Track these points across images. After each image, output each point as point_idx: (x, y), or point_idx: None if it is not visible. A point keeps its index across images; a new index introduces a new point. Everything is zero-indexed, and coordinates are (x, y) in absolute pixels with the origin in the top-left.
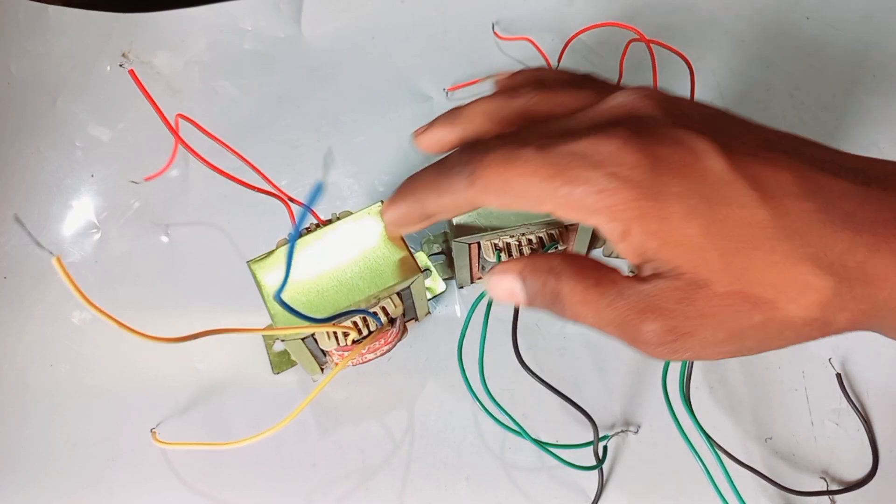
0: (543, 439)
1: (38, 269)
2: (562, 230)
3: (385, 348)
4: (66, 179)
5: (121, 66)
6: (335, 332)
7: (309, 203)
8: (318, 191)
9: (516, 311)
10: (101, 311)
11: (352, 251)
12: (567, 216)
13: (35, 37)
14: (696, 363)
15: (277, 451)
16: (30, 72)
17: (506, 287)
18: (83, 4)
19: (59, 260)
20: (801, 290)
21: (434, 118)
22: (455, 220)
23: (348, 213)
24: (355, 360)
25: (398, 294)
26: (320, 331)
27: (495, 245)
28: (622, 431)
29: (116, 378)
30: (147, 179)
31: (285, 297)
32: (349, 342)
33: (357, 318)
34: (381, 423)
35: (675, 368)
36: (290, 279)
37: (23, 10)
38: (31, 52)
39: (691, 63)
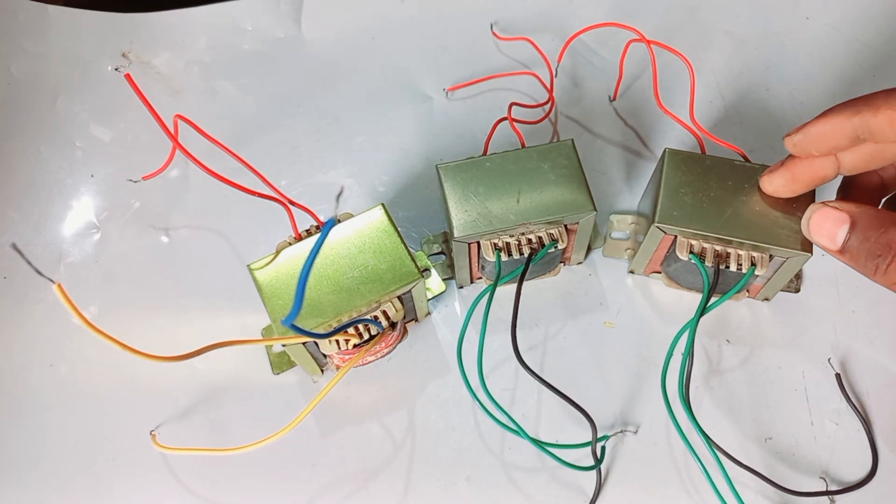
0: (543, 439)
1: (39, 268)
2: (561, 230)
3: (385, 350)
4: (66, 179)
5: (117, 69)
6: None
7: (318, 245)
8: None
9: (516, 311)
10: (106, 335)
11: (352, 255)
12: None
13: (35, 37)
14: (695, 363)
15: (278, 452)
16: (30, 72)
17: (829, 230)
18: (83, 4)
19: (60, 287)
20: None
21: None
22: (454, 221)
23: (349, 216)
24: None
25: (399, 297)
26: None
27: (495, 245)
28: (621, 431)
29: (116, 378)
30: (145, 178)
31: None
32: (350, 347)
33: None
34: (382, 423)
35: (674, 368)
36: (290, 279)
37: (23, 10)
38: (31, 52)
39: (691, 63)
